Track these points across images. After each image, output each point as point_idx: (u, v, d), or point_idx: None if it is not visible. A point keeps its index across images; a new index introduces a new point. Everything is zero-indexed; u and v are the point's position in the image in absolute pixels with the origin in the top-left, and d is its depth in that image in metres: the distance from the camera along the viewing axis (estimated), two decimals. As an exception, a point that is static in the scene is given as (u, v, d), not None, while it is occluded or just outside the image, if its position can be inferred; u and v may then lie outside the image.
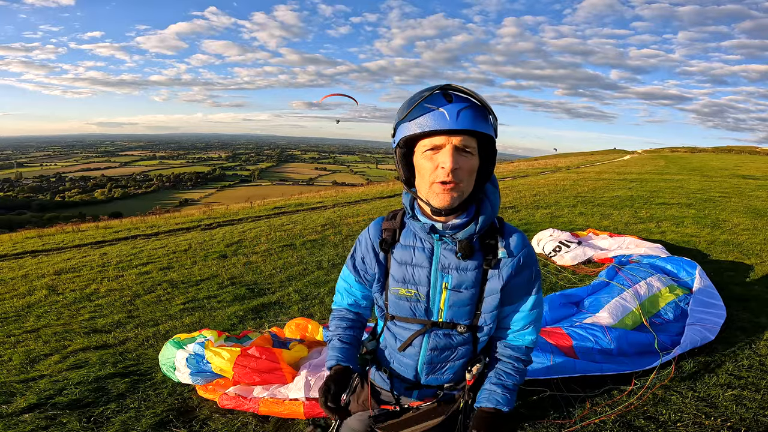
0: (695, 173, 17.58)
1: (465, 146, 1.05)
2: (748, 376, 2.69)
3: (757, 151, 52.82)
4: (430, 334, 1.23)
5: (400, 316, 1.26)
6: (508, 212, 8.85)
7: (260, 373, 2.69)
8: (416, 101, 1.05)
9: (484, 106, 1.06)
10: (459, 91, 1.06)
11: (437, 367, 1.27)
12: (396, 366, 1.33)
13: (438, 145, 1.05)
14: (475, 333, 1.24)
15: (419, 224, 1.17)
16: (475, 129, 1.03)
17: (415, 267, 1.20)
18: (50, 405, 2.70)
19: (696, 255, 5.24)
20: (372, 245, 1.29)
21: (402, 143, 1.11)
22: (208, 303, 4.58)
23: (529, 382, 2.59)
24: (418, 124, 1.05)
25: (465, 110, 1.02)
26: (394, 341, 1.30)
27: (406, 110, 1.07)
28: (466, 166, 1.06)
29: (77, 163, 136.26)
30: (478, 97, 1.05)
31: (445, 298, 1.19)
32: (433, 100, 1.04)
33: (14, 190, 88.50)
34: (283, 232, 8.07)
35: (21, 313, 4.60)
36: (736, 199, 9.75)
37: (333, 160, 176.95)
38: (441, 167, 1.04)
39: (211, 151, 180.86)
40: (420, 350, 1.25)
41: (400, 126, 1.11)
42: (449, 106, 1.02)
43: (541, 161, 39.79)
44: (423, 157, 1.08)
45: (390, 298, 1.26)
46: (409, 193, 1.19)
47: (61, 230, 10.90)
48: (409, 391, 1.35)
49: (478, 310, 1.21)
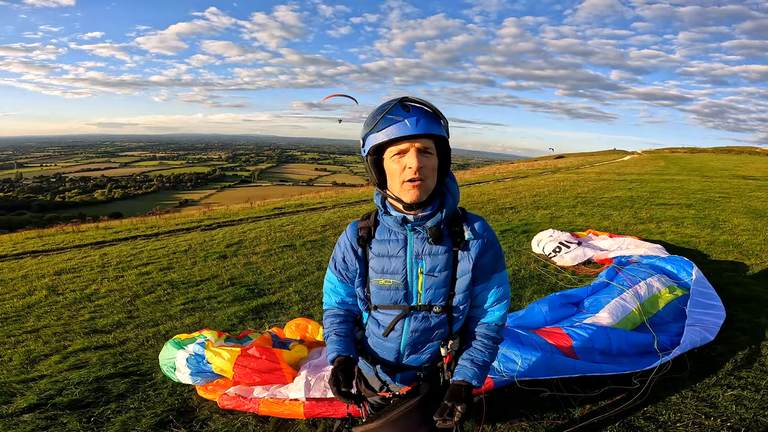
0: (695, 174, 17.58)
1: (426, 148, 1.23)
2: (748, 376, 2.69)
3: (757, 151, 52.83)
4: (411, 318, 1.37)
5: (382, 305, 1.39)
6: (508, 213, 8.86)
7: (260, 373, 2.70)
8: (381, 114, 1.22)
9: (436, 112, 1.25)
10: (414, 102, 1.24)
11: (418, 347, 1.41)
12: (379, 351, 1.47)
13: (403, 149, 1.22)
14: (450, 313, 1.37)
15: (392, 218, 1.32)
16: (432, 132, 1.22)
17: (392, 257, 1.34)
18: (50, 405, 2.70)
19: (696, 255, 5.25)
20: (350, 244, 1.43)
21: (372, 151, 1.27)
22: (208, 303, 4.58)
23: (529, 382, 2.59)
24: (385, 133, 1.22)
25: (422, 118, 1.21)
26: (377, 328, 1.43)
27: (372, 123, 1.24)
28: (429, 164, 1.24)
29: (77, 164, 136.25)
30: (431, 105, 1.24)
31: (422, 282, 1.33)
32: (394, 112, 1.21)
33: (14, 190, 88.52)
34: (283, 232, 8.07)
35: (21, 314, 4.60)
36: (736, 199, 9.75)
37: (333, 161, 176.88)
38: (408, 167, 1.22)
39: (211, 152, 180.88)
40: (402, 333, 1.39)
41: (368, 137, 1.27)
42: (408, 116, 1.20)
43: (541, 162, 39.79)
44: (392, 161, 1.25)
45: (372, 289, 1.40)
46: (380, 194, 1.35)
47: (61, 231, 10.90)
48: (392, 375, 1.47)
49: (452, 290, 1.35)
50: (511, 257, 5.57)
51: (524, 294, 4.29)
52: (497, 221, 8.04)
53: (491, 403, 2.49)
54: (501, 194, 12.18)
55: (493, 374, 2.59)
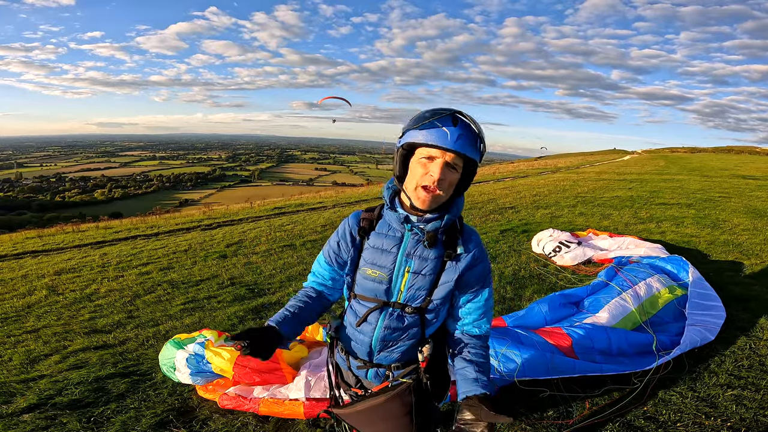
0: (695, 173, 17.58)
1: (454, 163, 1.25)
2: (748, 376, 2.69)
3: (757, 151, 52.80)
4: (386, 313, 1.40)
5: (362, 295, 1.43)
6: (508, 212, 8.85)
7: (260, 373, 2.70)
8: (430, 116, 1.24)
9: (479, 135, 1.26)
10: (466, 118, 1.25)
11: (389, 344, 1.43)
12: (353, 343, 1.49)
13: (433, 156, 1.24)
14: (423, 315, 1.40)
15: (395, 215, 1.36)
16: (465, 153, 1.23)
17: (384, 252, 1.38)
18: (50, 405, 2.70)
19: (696, 255, 5.25)
20: (350, 231, 1.46)
21: (406, 146, 1.30)
22: (208, 303, 4.58)
23: (529, 382, 2.59)
24: (424, 135, 1.24)
25: (463, 135, 1.22)
26: (354, 318, 1.46)
27: (419, 121, 1.25)
28: (450, 179, 1.27)
29: (77, 164, 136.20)
30: (478, 126, 1.26)
31: (406, 281, 1.37)
32: (443, 120, 1.23)
33: (14, 190, 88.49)
34: (283, 232, 8.07)
35: (21, 314, 4.59)
36: (736, 199, 9.75)
37: (333, 161, 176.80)
38: (430, 175, 1.24)
39: (211, 152, 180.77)
40: (375, 327, 1.41)
41: (409, 131, 1.28)
42: (453, 129, 1.21)
43: (541, 162, 39.81)
44: (418, 163, 1.27)
45: (358, 277, 1.43)
46: (391, 188, 1.39)
47: (61, 230, 10.90)
48: (363, 371, 1.49)
49: (429, 295, 1.38)
50: (511, 257, 5.57)
51: (524, 294, 4.29)
52: (497, 221, 8.04)
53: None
54: (501, 194, 12.18)
55: (493, 374, 2.59)
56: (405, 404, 1.35)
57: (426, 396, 1.40)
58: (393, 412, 1.36)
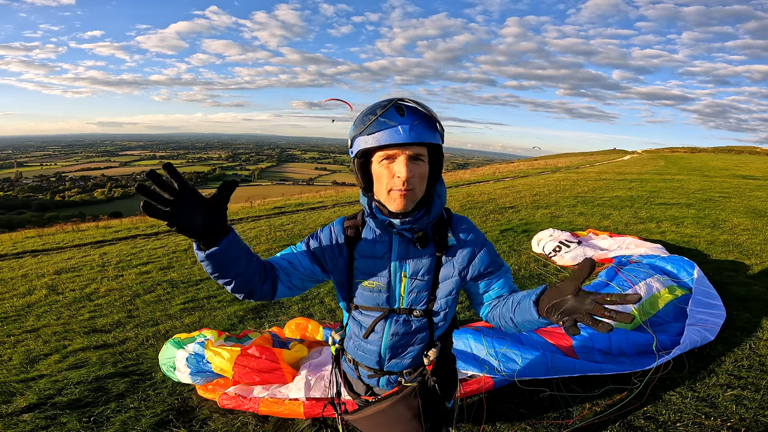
0: (695, 173, 17.57)
1: (417, 155, 1.15)
2: (748, 376, 2.69)
3: (757, 151, 52.82)
4: (392, 320, 1.33)
5: (364, 305, 1.36)
6: (508, 212, 8.85)
7: (260, 372, 2.69)
8: (373, 116, 1.13)
9: (432, 117, 1.15)
10: (410, 104, 1.14)
11: (399, 351, 1.37)
12: (360, 354, 1.43)
13: (392, 155, 1.15)
14: (431, 317, 1.33)
15: (377, 222, 1.28)
16: (426, 141, 1.14)
17: (377, 259, 1.31)
18: (50, 405, 2.70)
19: (696, 255, 5.24)
20: (337, 239, 1.37)
21: (360, 154, 1.20)
22: (208, 303, 4.57)
23: (530, 382, 2.59)
24: (375, 138, 1.14)
25: (416, 123, 1.12)
26: (359, 329, 1.39)
27: (363, 125, 1.15)
28: (419, 173, 1.17)
29: (77, 163, 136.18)
30: (427, 109, 1.14)
31: (405, 286, 1.30)
32: (386, 115, 1.12)
33: (14, 189, 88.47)
34: (283, 231, 8.07)
35: (21, 313, 4.59)
36: (736, 199, 9.75)
37: (333, 160, 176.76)
38: (397, 176, 1.15)
39: (211, 151, 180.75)
40: (383, 336, 1.35)
41: (357, 139, 1.19)
42: (402, 120, 1.11)
43: (541, 161, 39.83)
44: (380, 167, 1.18)
45: (357, 290, 1.36)
46: (366, 196, 1.28)
47: (61, 230, 10.89)
48: (374, 379, 1.44)
49: (432, 295, 1.31)
50: (511, 257, 5.56)
51: (524, 294, 4.29)
52: (497, 221, 8.04)
53: (491, 402, 2.49)
54: (501, 194, 12.18)
55: (493, 374, 2.59)
56: (411, 407, 1.32)
57: (434, 398, 1.36)
58: (400, 416, 1.33)
